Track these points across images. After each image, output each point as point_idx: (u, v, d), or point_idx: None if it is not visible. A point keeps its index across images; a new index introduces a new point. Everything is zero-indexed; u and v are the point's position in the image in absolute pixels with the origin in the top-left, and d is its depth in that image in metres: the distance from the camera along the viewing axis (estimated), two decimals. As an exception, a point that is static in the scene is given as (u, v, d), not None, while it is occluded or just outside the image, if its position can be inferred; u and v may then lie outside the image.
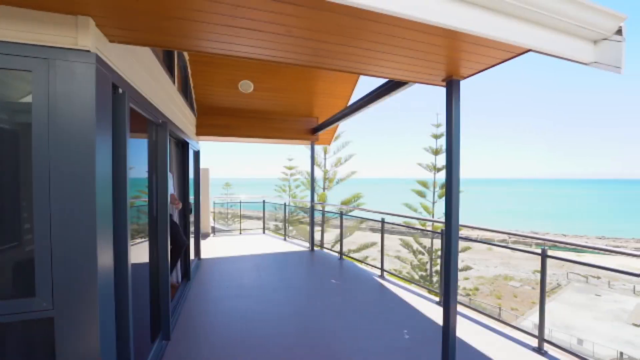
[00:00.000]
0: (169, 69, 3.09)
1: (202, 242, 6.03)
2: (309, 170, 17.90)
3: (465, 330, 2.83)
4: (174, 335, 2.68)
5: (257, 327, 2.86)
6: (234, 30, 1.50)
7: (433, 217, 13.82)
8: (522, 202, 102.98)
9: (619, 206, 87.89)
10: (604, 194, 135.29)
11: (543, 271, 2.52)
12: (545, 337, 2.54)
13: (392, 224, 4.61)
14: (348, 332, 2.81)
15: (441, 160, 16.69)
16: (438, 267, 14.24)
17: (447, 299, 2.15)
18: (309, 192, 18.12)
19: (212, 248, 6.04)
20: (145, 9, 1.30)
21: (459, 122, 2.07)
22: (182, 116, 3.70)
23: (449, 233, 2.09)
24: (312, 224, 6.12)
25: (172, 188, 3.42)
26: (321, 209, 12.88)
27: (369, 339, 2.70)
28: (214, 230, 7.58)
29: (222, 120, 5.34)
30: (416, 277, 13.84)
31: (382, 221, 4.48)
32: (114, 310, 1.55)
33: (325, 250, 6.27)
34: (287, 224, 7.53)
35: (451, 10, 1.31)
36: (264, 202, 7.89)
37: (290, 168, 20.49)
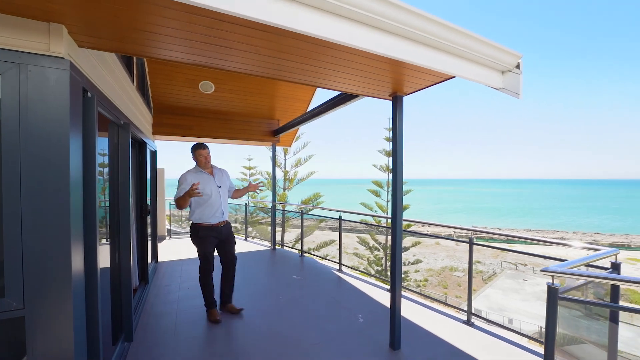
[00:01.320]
0: (128, 67, 3.04)
1: (159, 245, 5.80)
2: (269, 170, 17.83)
3: (411, 312, 3.26)
4: (137, 336, 2.67)
5: (221, 326, 2.96)
6: (208, 46, 1.65)
7: (387, 214, 14.75)
8: (466, 199, 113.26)
9: (543, 204, 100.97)
10: (534, 192, 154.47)
11: (470, 257, 3.03)
12: (473, 312, 3.05)
13: (349, 221, 4.96)
14: (309, 320, 3.05)
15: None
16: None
17: (394, 284, 2.51)
18: (269, 193, 18.08)
19: (170, 251, 5.85)
20: (114, 20, 1.39)
21: (402, 131, 2.44)
22: (140, 115, 3.62)
23: (394, 228, 2.45)
24: (273, 223, 6.26)
25: (217, 195, 3.02)
26: (282, 208, 12.98)
27: (328, 323, 2.98)
28: (170, 233, 7.29)
29: (181, 120, 5.24)
30: (372, 271, 14.64)
31: (340, 218, 4.82)
32: (85, 310, 1.59)
33: (286, 248, 6.44)
34: (247, 225, 7.54)
35: (395, 44, 1.61)
36: (223, 202, 7.80)
37: (249, 168, 20.19)
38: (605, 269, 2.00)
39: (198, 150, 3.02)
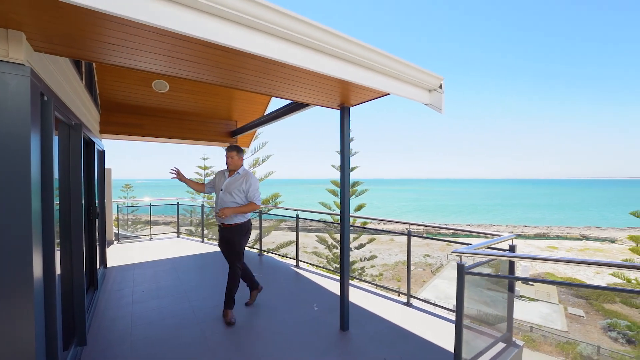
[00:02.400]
0: (76, 63, 2.94)
1: (107, 250, 5.48)
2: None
3: (361, 299, 3.63)
4: (90, 340, 2.63)
5: (180, 324, 3.02)
6: (173, 60, 1.78)
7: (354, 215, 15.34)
8: (423, 199, 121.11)
9: (483, 201, 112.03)
10: (475, 191, 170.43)
11: (408, 247, 3.50)
12: (413, 295, 3.52)
13: (307, 219, 5.23)
14: (267, 312, 3.25)
15: (351, 162, 18.54)
16: (350, 259, 15.94)
17: (343, 273, 2.84)
18: (226, 193, 17.58)
19: (119, 256, 5.56)
20: (68, 28, 1.45)
21: (349, 136, 2.78)
22: (88, 114, 3.48)
23: (342, 224, 2.77)
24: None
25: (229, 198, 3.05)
26: (240, 209, 12.76)
27: (287, 314, 3.21)
28: (117, 237, 6.87)
29: (131, 118, 5.04)
30: (331, 268, 15.14)
31: (297, 217, 5.07)
32: (44, 315, 1.62)
33: (245, 248, 6.50)
34: (203, 226, 7.42)
35: (341, 67, 1.91)
36: (178, 204, 7.56)
37: (205, 168, 19.49)
38: (505, 250, 2.54)
39: (226, 152, 3.19)
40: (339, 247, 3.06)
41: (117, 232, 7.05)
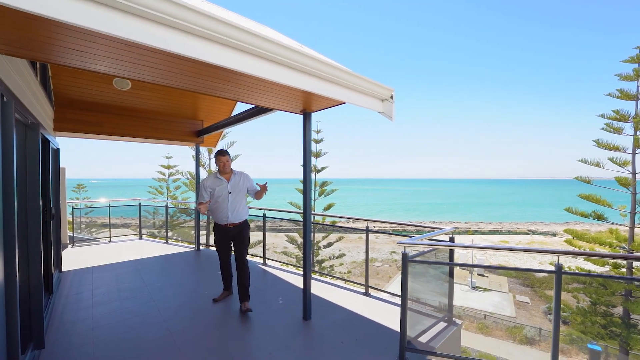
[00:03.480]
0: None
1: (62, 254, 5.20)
2: (191, 170, 16.88)
3: (323, 291, 3.88)
4: (48, 344, 2.59)
5: (145, 323, 3.05)
6: (138, 66, 1.87)
7: (315, 212, 15.62)
8: (398, 198, 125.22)
9: (452, 200, 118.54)
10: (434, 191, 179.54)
11: (367, 241, 3.82)
12: (371, 286, 3.84)
13: (276, 219, 5.36)
14: (234, 307, 3.38)
15: (321, 162, 18.89)
16: (319, 257, 16.24)
17: (305, 267, 3.06)
18: (190, 194, 17.05)
19: (75, 259, 5.30)
20: (23, 31, 1.50)
21: (311, 139, 3.00)
22: (43, 111, 3.35)
23: (305, 222, 2.99)
24: (197, 224, 6.24)
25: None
26: (207, 210, 12.50)
27: (253, 307, 3.36)
28: (72, 240, 6.49)
29: (89, 116, 4.84)
30: (301, 267, 15.31)
31: (264, 216, 5.20)
32: (5, 319, 1.64)
33: (211, 249, 6.49)
34: (168, 227, 7.25)
35: (302, 79, 2.11)
36: (140, 204, 7.31)
37: (168, 167, 18.71)
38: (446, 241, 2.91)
39: (218, 157, 3.26)
40: (316, 250, 3.29)
41: (71, 235, 6.66)
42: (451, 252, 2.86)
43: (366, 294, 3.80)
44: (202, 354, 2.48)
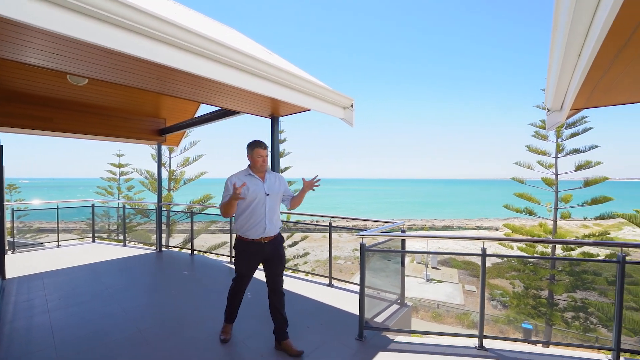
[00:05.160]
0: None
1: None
2: (149, 169, 15.92)
3: (291, 285, 4.11)
4: (1, 352, 2.49)
5: (111, 323, 3.03)
6: (111, 70, 1.95)
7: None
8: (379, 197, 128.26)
9: (412, 199, 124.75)
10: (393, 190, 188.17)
11: (330, 236, 4.14)
12: (334, 277, 4.16)
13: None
14: (205, 304, 3.47)
15: (285, 162, 18.99)
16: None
17: (274, 259, 3.27)
18: (146, 194, 16.14)
19: (20, 265, 4.90)
20: None
21: (279, 142, 3.23)
22: (-11, 107, 3.14)
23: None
24: (159, 224, 6.09)
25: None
26: (166, 209, 12.03)
27: (222, 303, 3.47)
28: (13, 245, 5.93)
29: (36, 110, 4.53)
30: (265, 267, 15.28)
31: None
32: None
33: (175, 249, 6.36)
34: (125, 229, 6.93)
35: (269, 87, 2.33)
36: (93, 205, 6.88)
37: (120, 165, 17.51)
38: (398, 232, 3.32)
39: (257, 149, 2.46)
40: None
41: (11, 240, 6.07)
42: (403, 242, 3.27)
43: (329, 285, 4.12)
44: (177, 346, 2.58)
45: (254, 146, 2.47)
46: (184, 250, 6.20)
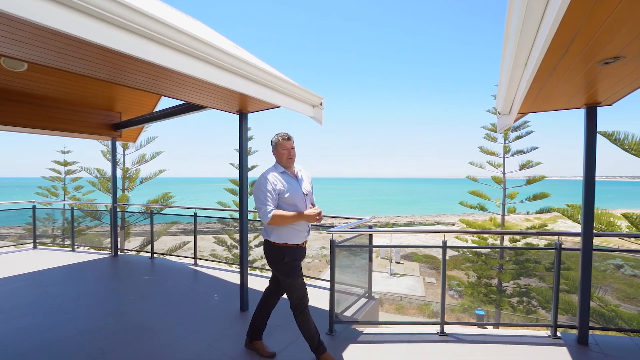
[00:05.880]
0: None
1: None
2: (98, 167, 14.70)
3: (258, 284, 4.05)
4: None
5: (62, 334, 2.75)
6: (57, 54, 1.77)
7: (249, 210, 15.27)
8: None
9: (380, 197, 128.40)
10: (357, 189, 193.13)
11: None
12: (305, 275, 4.17)
13: (203, 221, 5.26)
14: (166, 307, 3.29)
15: (251, 160, 18.58)
16: (250, 257, 15.96)
17: (242, 262, 3.21)
18: (97, 194, 14.85)
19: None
20: None
21: (247, 139, 3.16)
22: None
23: (242, 219, 3.14)
24: (114, 226, 5.64)
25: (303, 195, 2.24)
26: (120, 210, 11.13)
27: (185, 306, 3.33)
28: None
29: (-39, 99, 3.95)
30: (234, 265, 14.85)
31: (195, 215, 5.06)
32: None
33: (132, 253, 5.93)
34: (74, 232, 6.30)
35: (238, 82, 2.27)
36: (34, 207, 6.16)
37: (65, 164, 15.87)
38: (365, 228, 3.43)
39: (281, 142, 2.21)
40: (239, 238, 3.39)
41: None
42: (370, 237, 3.39)
43: (299, 282, 4.13)
44: (137, 355, 2.41)
45: (277, 139, 2.25)
46: (142, 254, 5.81)
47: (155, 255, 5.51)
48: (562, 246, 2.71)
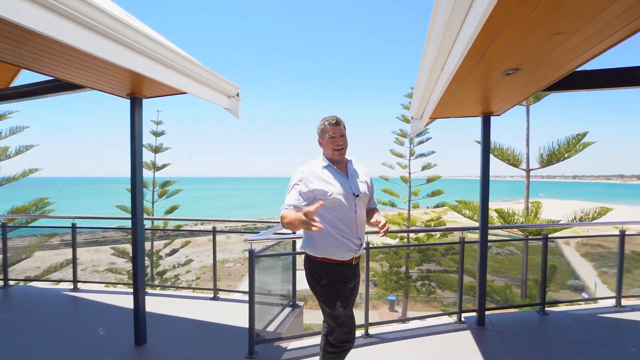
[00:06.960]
0: None
1: None
2: None
3: (162, 306, 3.39)
4: None
5: None
6: None
7: (153, 216, 13.28)
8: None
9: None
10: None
11: (214, 243, 3.67)
12: (220, 288, 3.70)
13: (89, 228, 4.20)
14: (31, 353, 2.40)
15: (162, 158, 16.35)
16: (160, 268, 13.94)
17: (136, 285, 2.59)
18: None
19: None
20: None
21: (141, 130, 2.56)
22: None
23: (136, 229, 2.53)
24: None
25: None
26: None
27: (60, 349, 2.50)
28: None
29: None
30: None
31: (73, 227, 3.95)
32: None
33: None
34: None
35: (129, 56, 1.74)
36: None
37: None
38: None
39: (329, 127, 1.70)
40: (131, 256, 2.72)
41: None
42: (294, 243, 3.18)
43: (215, 298, 3.63)
44: None
45: (322, 125, 1.75)
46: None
47: (10, 282, 4.12)
48: (465, 240, 3.03)
